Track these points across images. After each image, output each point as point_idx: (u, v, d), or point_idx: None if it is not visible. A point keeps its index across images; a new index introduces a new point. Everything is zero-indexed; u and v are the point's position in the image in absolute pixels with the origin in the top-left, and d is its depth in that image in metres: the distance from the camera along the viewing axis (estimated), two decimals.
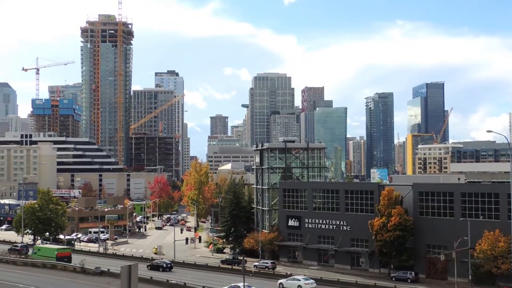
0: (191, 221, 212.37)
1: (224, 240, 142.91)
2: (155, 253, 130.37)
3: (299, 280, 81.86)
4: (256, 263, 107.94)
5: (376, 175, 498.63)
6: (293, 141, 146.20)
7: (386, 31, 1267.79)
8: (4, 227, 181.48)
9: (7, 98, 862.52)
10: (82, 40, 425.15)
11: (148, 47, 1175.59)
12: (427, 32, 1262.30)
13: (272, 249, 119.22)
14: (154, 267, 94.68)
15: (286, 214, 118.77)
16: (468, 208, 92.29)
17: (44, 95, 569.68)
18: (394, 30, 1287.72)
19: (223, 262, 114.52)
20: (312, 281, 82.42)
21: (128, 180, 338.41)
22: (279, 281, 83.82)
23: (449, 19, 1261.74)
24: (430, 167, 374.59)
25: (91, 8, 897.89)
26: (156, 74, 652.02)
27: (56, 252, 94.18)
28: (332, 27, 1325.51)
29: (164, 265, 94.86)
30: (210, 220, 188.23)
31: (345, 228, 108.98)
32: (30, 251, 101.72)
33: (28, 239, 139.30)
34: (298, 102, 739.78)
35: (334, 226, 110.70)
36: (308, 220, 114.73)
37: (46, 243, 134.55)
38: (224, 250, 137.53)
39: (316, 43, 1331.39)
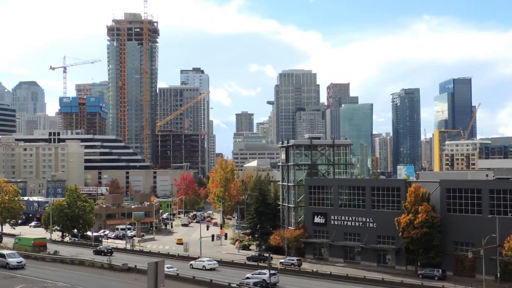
0: (217, 218, 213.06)
1: (250, 237, 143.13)
2: (179, 244, 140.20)
3: (204, 261, 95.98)
4: (282, 260, 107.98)
5: (402, 171, 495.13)
6: (319, 138, 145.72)
7: (412, 26, 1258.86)
8: (33, 224, 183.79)
9: (35, 96, 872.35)
10: (109, 38, 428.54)
11: (173, 44, 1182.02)
12: (454, 26, 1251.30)
13: (298, 246, 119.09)
14: (98, 252, 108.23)
15: (312, 211, 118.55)
16: (497, 205, 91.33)
17: (72, 93, 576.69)
18: (421, 25, 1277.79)
19: (249, 259, 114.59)
20: (214, 262, 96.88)
21: (155, 177, 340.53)
22: (190, 262, 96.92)
23: (477, 13, 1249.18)
24: (458, 164, 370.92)
25: (117, 7, 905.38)
26: (181, 71, 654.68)
27: (32, 242, 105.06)
28: (358, 23, 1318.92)
29: (106, 250, 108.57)
30: (236, 217, 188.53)
31: (371, 225, 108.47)
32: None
33: (56, 235, 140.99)
34: (323, 98, 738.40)
35: (360, 223, 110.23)
36: (334, 217, 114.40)
37: (75, 240, 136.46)
38: (250, 247, 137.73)
39: (341, 39, 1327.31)
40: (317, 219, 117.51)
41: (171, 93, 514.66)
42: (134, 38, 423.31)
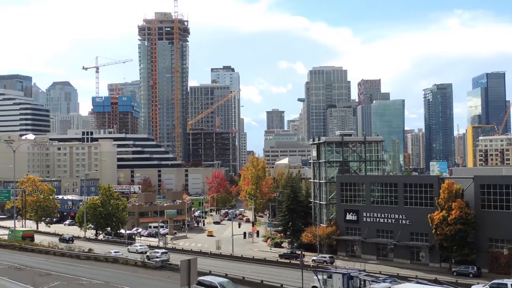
0: (249, 215, 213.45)
1: (282, 235, 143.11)
2: (209, 236, 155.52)
3: (137, 246, 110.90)
4: (314, 258, 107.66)
5: (435, 168, 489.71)
6: (350, 135, 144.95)
7: (443, 21, 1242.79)
8: (67, 222, 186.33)
9: (68, 96, 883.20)
10: (140, 38, 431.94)
11: (203, 43, 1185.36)
12: (487, 20, 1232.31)
13: (330, 244, 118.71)
14: (62, 240, 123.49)
15: (344, 208, 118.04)
16: None
17: (104, 93, 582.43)
18: (452, 20, 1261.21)
19: (281, 256, 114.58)
20: (145, 246, 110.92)
21: (186, 175, 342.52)
22: (127, 247, 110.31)
23: (510, 7, 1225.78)
24: (492, 159, 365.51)
25: (148, 6, 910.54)
26: (212, 70, 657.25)
27: (22, 233, 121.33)
28: (388, 19, 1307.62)
29: (67, 238, 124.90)
30: (267, 215, 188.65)
31: (404, 222, 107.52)
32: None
33: (90, 234, 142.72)
34: (354, 95, 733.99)
35: (393, 220, 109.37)
36: (366, 214, 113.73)
37: (108, 238, 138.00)
38: (282, 245, 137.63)
39: (371, 35, 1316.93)
40: (349, 216, 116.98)
41: (202, 91, 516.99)
42: (165, 38, 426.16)
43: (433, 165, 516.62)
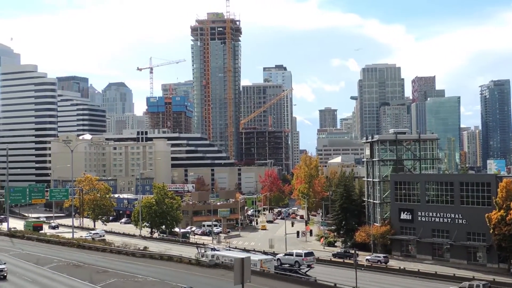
0: (302, 214, 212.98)
1: (335, 234, 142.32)
2: (263, 229, 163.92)
3: (91, 233, 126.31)
4: (368, 257, 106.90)
5: (493, 166, 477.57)
6: (404, 133, 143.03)
7: (500, 15, 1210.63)
8: (123, 220, 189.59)
9: (123, 97, 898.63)
10: (192, 38, 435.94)
11: (255, 42, 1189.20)
12: None
13: (384, 243, 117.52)
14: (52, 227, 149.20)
15: (398, 207, 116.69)
16: None
17: (158, 93, 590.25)
18: (509, 14, 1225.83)
19: (334, 255, 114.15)
20: (103, 232, 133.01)
21: (239, 174, 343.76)
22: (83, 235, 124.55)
23: None
24: None
25: (200, 7, 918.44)
26: (264, 69, 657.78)
27: (32, 224, 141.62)
28: (442, 14, 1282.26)
29: (54, 225, 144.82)
30: (320, 214, 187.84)
31: (460, 221, 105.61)
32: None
33: (145, 232, 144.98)
34: (408, 92, 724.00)
35: (449, 220, 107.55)
36: (421, 213, 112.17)
37: (163, 236, 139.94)
38: (335, 244, 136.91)
39: (425, 31, 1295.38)
40: (403, 215, 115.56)
41: (254, 90, 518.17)
42: (217, 37, 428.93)
43: (490, 163, 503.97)
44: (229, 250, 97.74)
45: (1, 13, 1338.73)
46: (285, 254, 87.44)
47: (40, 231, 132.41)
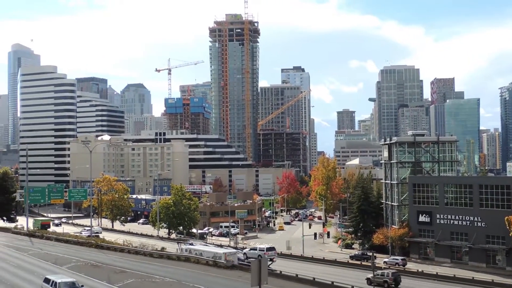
0: (320, 215, 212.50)
1: (352, 236, 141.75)
2: (280, 229, 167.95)
3: (85, 229, 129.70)
4: (386, 260, 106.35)
5: None
6: (423, 135, 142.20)
7: None
8: (141, 221, 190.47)
9: (142, 98, 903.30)
10: (211, 40, 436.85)
11: (274, 43, 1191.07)
12: None
13: (402, 245, 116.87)
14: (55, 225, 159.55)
15: (417, 210, 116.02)
16: None
17: (176, 94, 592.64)
18: None
19: (352, 257, 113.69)
20: (99, 229, 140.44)
21: (257, 175, 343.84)
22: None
23: None
24: None
25: (218, 8, 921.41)
26: (282, 70, 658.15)
27: (41, 222, 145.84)
28: (461, 16, 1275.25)
29: (57, 223, 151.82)
30: (338, 215, 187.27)
31: (479, 224, 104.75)
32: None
33: (163, 232, 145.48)
34: (427, 94, 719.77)
35: (468, 222, 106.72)
36: (440, 216, 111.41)
37: (180, 237, 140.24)
38: (353, 246, 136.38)
39: (444, 32, 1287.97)
40: (421, 218, 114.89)
41: (272, 92, 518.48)
42: (235, 39, 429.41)
43: (510, 166, 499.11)
44: (205, 245, 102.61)
45: (22, 15, 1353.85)
46: (251, 249, 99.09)
47: (48, 229, 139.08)
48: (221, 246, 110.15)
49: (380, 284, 75.79)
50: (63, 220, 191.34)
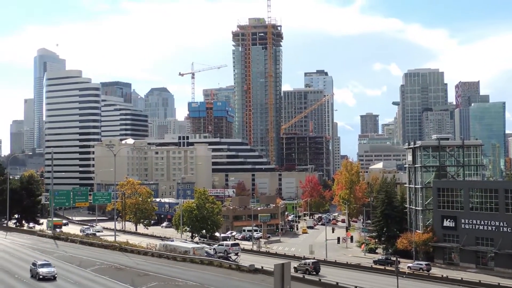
0: (343, 219, 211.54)
1: (376, 240, 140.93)
2: (304, 233, 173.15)
3: (84, 227, 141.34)
4: (410, 264, 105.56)
5: None
6: (447, 139, 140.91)
7: None
8: (164, 224, 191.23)
9: (165, 102, 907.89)
10: (234, 44, 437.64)
11: (296, 47, 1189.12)
12: None
13: (427, 250, 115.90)
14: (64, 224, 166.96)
15: (441, 214, 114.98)
16: None
17: (199, 98, 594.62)
18: None
19: (375, 262, 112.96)
20: (100, 228, 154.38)
21: (280, 179, 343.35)
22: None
23: None
24: None
25: (241, 12, 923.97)
26: (305, 74, 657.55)
27: (53, 223, 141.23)
28: (486, 18, 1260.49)
29: (65, 222, 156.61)
30: (361, 220, 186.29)
31: (505, 229, 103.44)
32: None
33: (186, 236, 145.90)
34: (451, 98, 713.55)
35: (493, 227, 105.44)
36: (465, 221, 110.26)
37: (203, 240, 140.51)
38: (377, 250, 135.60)
39: (469, 35, 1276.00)
40: (446, 223, 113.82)
41: (295, 96, 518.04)
42: (258, 43, 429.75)
43: None
44: (184, 241, 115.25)
45: (47, 21, 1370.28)
46: (219, 245, 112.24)
47: (60, 229, 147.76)
48: (197, 243, 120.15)
49: (303, 271, 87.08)
50: (73, 220, 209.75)
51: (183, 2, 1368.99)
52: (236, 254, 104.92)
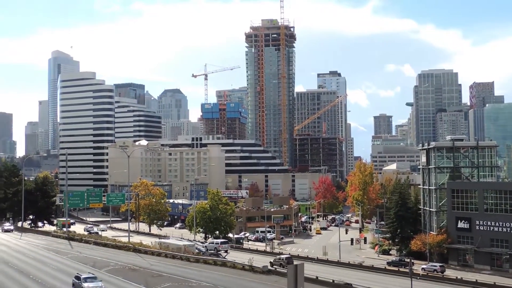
0: (357, 219, 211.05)
1: (390, 242, 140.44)
2: (317, 234, 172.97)
3: (87, 226, 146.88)
4: (424, 266, 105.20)
5: None
6: (462, 140, 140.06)
7: None
8: (178, 225, 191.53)
9: (179, 103, 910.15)
10: (247, 45, 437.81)
11: (309, 48, 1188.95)
12: None
13: (441, 252, 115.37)
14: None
15: (455, 216, 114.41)
16: None
17: (212, 99, 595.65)
18: None
19: (389, 264, 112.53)
20: (105, 227, 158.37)
21: (293, 180, 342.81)
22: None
23: None
24: None
25: (254, 14, 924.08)
26: (318, 75, 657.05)
27: (61, 222, 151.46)
28: (499, 18, 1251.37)
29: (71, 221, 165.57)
30: (375, 221, 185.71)
31: None
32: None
33: (200, 237, 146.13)
34: (465, 98, 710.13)
35: (508, 229, 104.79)
36: (479, 222, 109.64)
37: (215, 243, 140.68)
38: (390, 252, 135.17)
39: (483, 35, 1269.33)
40: (460, 224, 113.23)
41: (308, 97, 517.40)
42: (271, 44, 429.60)
43: None
44: (180, 239, 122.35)
45: (61, 23, 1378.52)
46: (209, 243, 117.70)
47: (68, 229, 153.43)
48: (189, 240, 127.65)
49: (278, 265, 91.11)
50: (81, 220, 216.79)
51: (196, 3, 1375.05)
52: (226, 251, 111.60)
